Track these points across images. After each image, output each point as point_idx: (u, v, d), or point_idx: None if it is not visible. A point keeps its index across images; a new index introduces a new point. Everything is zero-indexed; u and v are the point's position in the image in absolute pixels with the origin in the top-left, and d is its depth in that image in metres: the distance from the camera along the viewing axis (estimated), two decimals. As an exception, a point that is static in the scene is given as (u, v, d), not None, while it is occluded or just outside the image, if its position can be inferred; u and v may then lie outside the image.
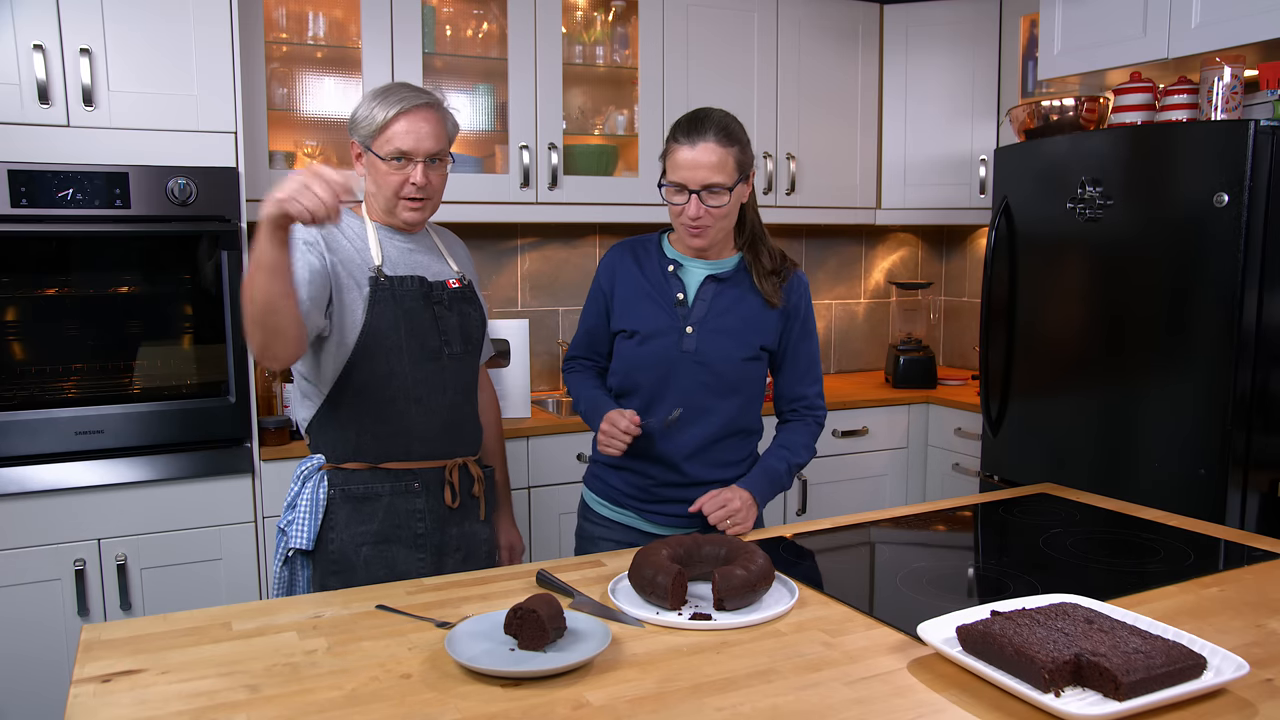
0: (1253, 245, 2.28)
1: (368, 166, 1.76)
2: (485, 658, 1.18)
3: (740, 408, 1.86)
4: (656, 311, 1.83)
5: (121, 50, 2.36)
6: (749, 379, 1.86)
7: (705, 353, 1.81)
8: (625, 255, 1.91)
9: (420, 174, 1.73)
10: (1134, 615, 1.23)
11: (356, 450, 1.76)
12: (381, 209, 1.79)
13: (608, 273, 1.91)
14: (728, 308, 1.83)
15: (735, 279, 1.85)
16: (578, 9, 3.25)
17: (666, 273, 1.85)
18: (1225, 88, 2.51)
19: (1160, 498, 2.23)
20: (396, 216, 1.78)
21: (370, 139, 1.73)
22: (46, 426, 2.33)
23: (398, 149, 1.71)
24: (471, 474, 1.86)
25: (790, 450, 1.88)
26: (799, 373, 1.91)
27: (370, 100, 1.75)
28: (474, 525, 1.87)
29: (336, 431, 1.76)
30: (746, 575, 1.35)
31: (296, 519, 1.75)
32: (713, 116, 1.74)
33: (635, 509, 1.89)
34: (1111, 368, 2.59)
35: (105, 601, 2.37)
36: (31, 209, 2.27)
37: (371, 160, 1.74)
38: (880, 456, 3.43)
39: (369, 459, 1.76)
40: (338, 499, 1.74)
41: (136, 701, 1.10)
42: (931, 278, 4.20)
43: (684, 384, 1.81)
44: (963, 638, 1.18)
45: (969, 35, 3.52)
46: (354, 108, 1.78)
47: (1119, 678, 1.03)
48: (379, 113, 1.72)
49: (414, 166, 1.73)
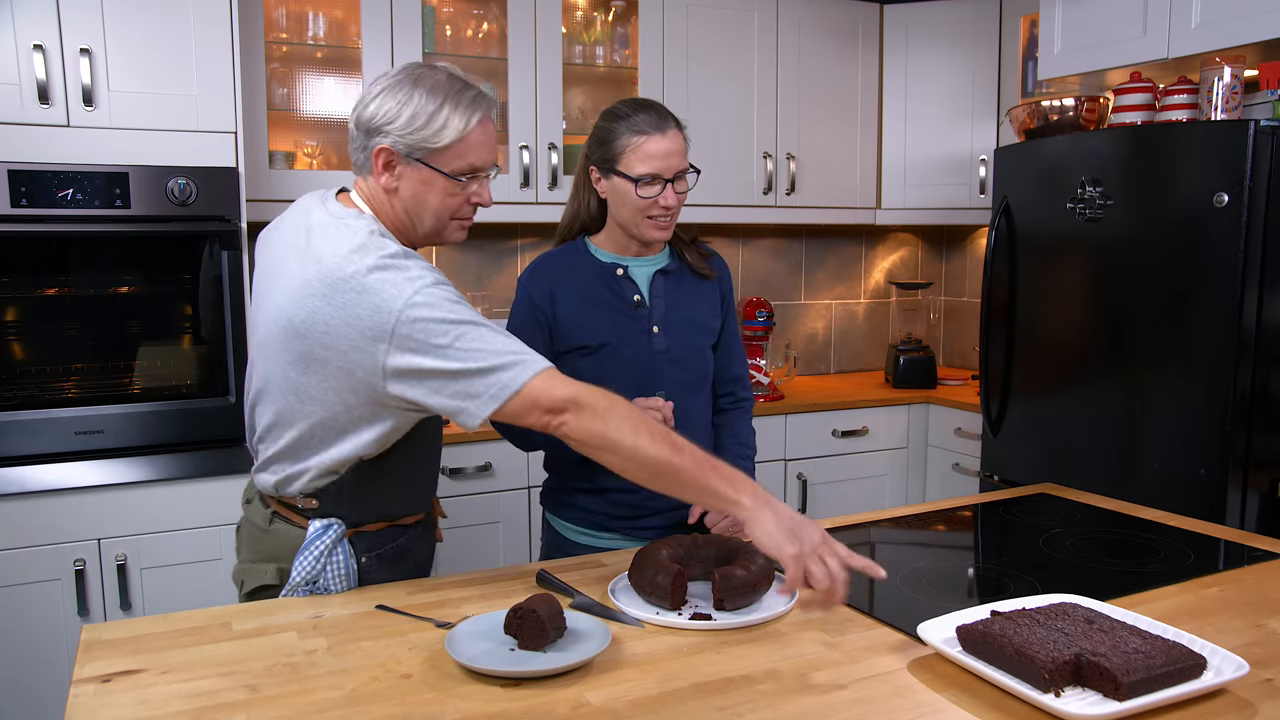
0: (1253, 245, 2.28)
1: (409, 184, 1.43)
2: (485, 658, 1.17)
3: (708, 398, 1.87)
4: (617, 318, 1.76)
5: (121, 50, 2.36)
6: (712, 364, 1.87)
7: (676, 348, 1.79)
8: (554, 271, 1.79)
9: (488, 191, 1.49)
10: (1134, 615, 1.24)
11: (378, 510, 1.51)
12: (417, 236, 1.49)
13: (543, 295, 1.76)
14: (683, 299, 1.82)
15: (677, 270, 1.84)
16: (578, 9, 3.25)
17: (615, 277, 1.78)
18: (1225, 88, 2.51)
19: (1160, 498, 2.23)
20: (440, 240, 1.51)
21: (434, 154, 1.41)
22: (46, 426, 2.33)
23: (473, 165, 1.43)
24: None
25: (746, 445, 1.89)
26: (733, 350, 1.92)
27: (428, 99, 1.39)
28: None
29: (362, 491, 1.48)
30: (746, 575, 1.35)
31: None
32: (662, 106, 1.75)
33: (623, 530, 1.80)
34: (1111, 368, 2.59)
35: (105, 601, 2.37)
36: (31, 209, 2.27)
37: (425, 177, 1.42)
38: (880, 456, 3.43)
39: (388, 517, 1.53)
40: (373, 565, 1.51)
41: (136, 701, 1.10)
42: (931, 278, 4.20)
43: (659, 383, 1.78)
44: (962, 638, 1.18)
45: (969, 35, 3.52)
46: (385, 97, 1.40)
47: (1119, 678, 1.03)
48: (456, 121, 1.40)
49: (483, 181, 1.47)
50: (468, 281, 3.35)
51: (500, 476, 2.80)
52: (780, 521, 1.29)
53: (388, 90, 1.41)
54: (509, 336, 1.35)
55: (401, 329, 1.30)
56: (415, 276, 1.32)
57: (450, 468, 2.71)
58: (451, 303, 1.32)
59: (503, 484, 2.80)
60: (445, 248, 3.30)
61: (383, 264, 1.32)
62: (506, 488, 2.81)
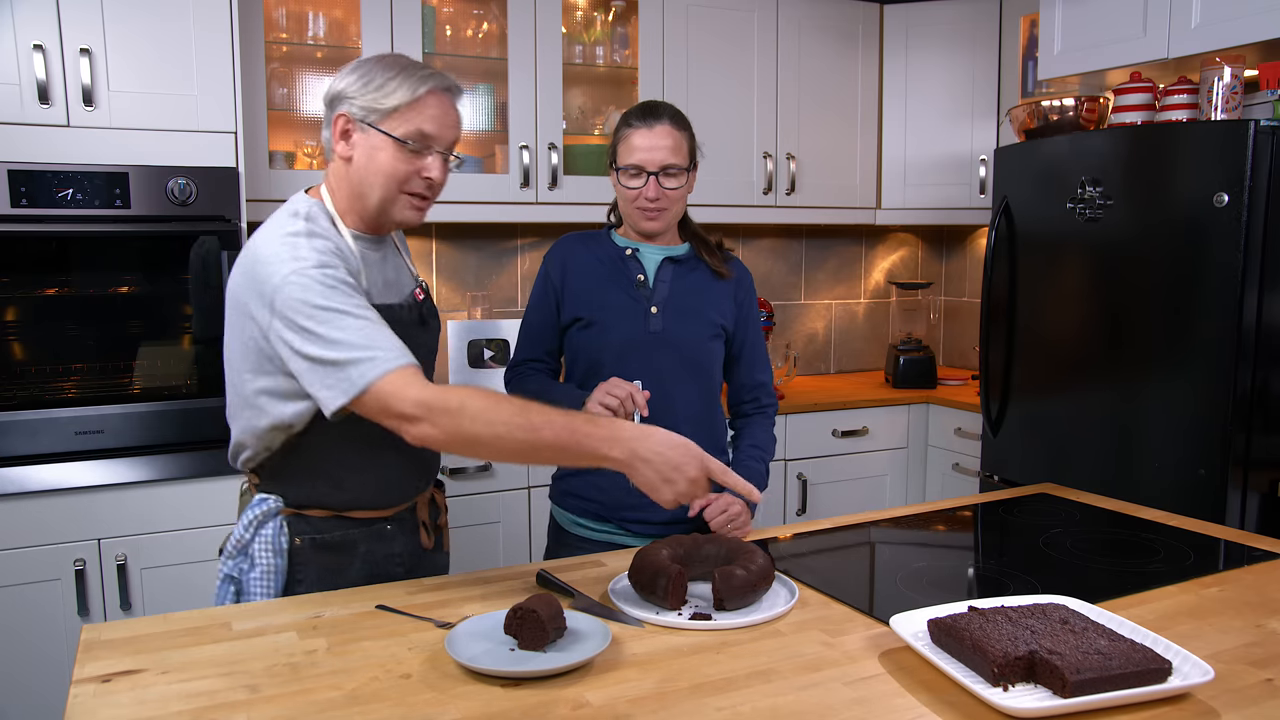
0: (1253, 245, 2.28)
1: (363, 149, 1.45)
2: (485, 658, 1.17)
3: (705, 391, 1.86)
4: (618, 294, 1.83)
5: (121, 50, 2.36)
6: (715, 359, 1.87)
7: (672, 332, 1.81)
8: (573, 246, 1.89)
9: (439, 167, 1.47)
10: (1118, 619, 1.23)
11: (319, 496, 1.51)
12: (369, 210, 1.49)
13: (556, 265, 1.87)
14: (690, 288, 1.85)
15: (690, 262, 1.88)
16: (578, 9, 3.25)
17: (625, 256, 1.85)
18: (1225, 88, 2.51)
19: (1160, 498, 2.23)
20: (391, 217, 1.49)
21: (383, 117, 1.43)
22: (46, 426, 2.33)
23: (421, 131, 1.43)
24: (438, 504, 1.70)
25: (762, 449, 1.90)
26: (756, 358, 1.94)
27: (383, 69, 1.44)
28: (437, 555, 1.69)
29: (296, 473, 1.50)
30: (746, 575, 1.35)
31: (256, 574, 1.49)
32: (665, 104, 1.81)
33: (619, 520, 1.82)
34: (1111, 367, 2.59)
35: (105, 601, 2.37)
36: (31, 209, 2.27)
37: (375, 141, 1.43)
38: (880, 456, 3.43)
39: (333, 507, 1.52)
40: (306, 549, 1.50)
41: (136, 701, 1.10)
42: (931, 278, 4.20)
43: (652, 366, 1.79)
44: (931, 631, 1.19)
45: (969, 35, 3.52)
46: (350, 72, 1.46)
47: (1066, 676, 1.04)
48: (403, 87, 1.42)
49: (433, 155, 1.46)
50: (468, 281, 3.36)
51: (500, 476, 2.80)
52: (655, 469, 1.33)
53: (352, 67, 1.48)
54: (378, 330, 1.34)
55: (278, 303, 1.35)
56: (301, 256, 1.36)
57: (450, 468, 2.71)
58: (326, 288, 1.34)
59: (503, 484, 2.80)
60: (446, 248, 3.30)
61: (283, 239, 1.38)
62: (506, 488, 2.81)
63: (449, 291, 3.34)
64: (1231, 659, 1.19)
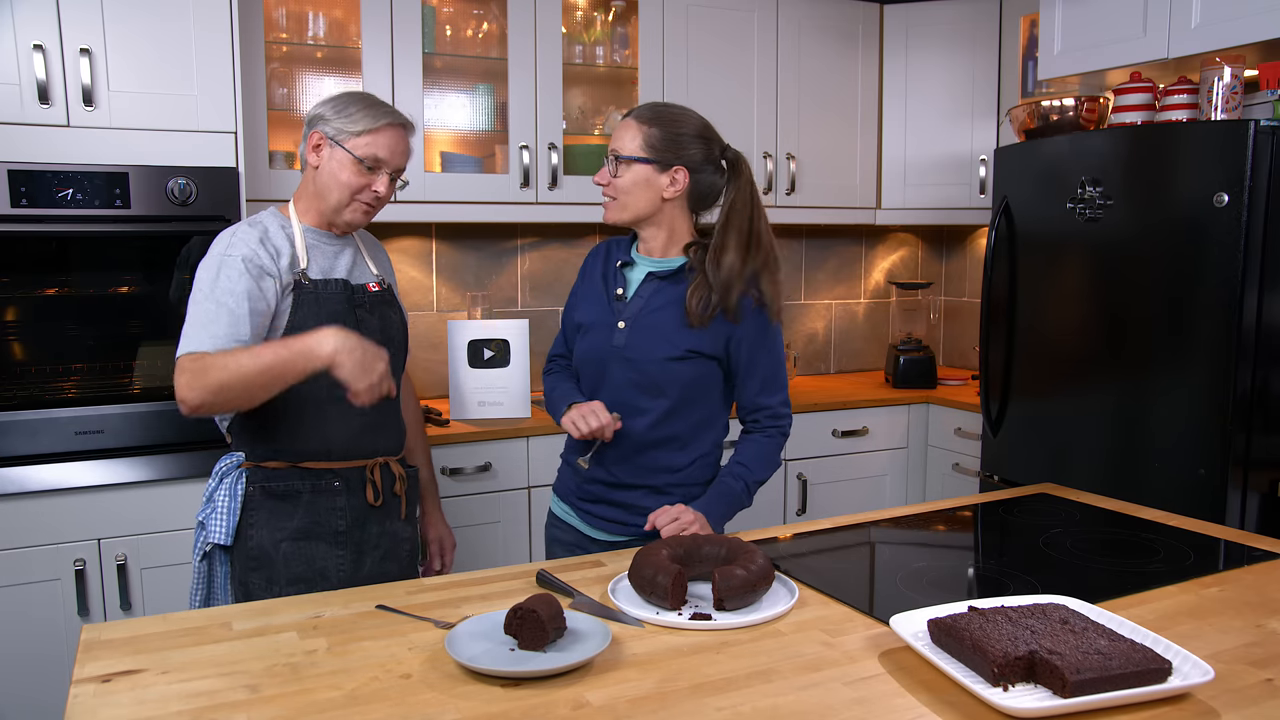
0: (1253, 245, 2.28)
1: (328, 162, 1.78)
2: (485, 658, 1.18)
3: (669, 411, 1.78)
4: (598, 306, 1.85)
5: (121, 50, 2.36)
6: (676, 381, 1.77)
7: (632, 349, 1.78)
8: (601, 249, 1.94)
9: (385, 185, 1.80)
10: (1118, 619, 1.23)
11: (276, 450, 1.78)
12: (326, 209, 1.80)
13: (584, 267, 1.96)
14: (662, 306, 1.79)
15: (677, 278, 1.80)
16: (578, 9, 3.25)
17: (615, 268, 1.87)
18: (1225, 88, 2.51)
19: (1160, 498, 2.23)
20: (341, 217, 1.80)
21: (348, 138, 1.77)
22: (46, 426, 2.33)
23: (376, 156, 1.77)
24: (393, 472, 1.88)
25: (748, 467, 1.80)
26: (757, 383, 1.82)
27: (354, 102, 1.80)
28: (395, 524, 1.88)
29: (256, 431, 1.78)
30: (746, 575, 1.35)
31: (215, 514, 1.76)
32: (650, 103, 1.84)
33: (575, 506, 1.90)
34: (1111, 367, 2.59)
35: (105, 601, 2.37)
36: (31, 209, 2.27)
37: (339, 157, 1.76)
38: (880, 456, 3.43)
39: (288, 458, 1.78)
40: (257, 495, 1.76)
41: (136, 701, 1.10)
42: (931, 278, 4.20)
43: (614, 380, 1.80)
44: (931, 631, 1.19)
45: (969, 35, 3.52)
46: (328, 101, 1.81)
47: (1066, 676, 1.04)
48: (366, 118, 1.77)
49: (382, 176, 1.79)
50: (468, 281, 3.36)
51: (500, 476, 2.80)
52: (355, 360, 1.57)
53: (331, 97, 1.83)
54: (215, 320, 1.65)
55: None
56: (226, 245, 1.72)
57: (450, 468, 2.71)
58: (212, 277, 1.69)
59: (502, 484, 2.80)
60: (446, 248, 3.30)
61: (229, 230, 1.77)
62: (506, 488, 2.81)
63: (449, 291, 3.34)
64: (1231, 659, 1.19)
